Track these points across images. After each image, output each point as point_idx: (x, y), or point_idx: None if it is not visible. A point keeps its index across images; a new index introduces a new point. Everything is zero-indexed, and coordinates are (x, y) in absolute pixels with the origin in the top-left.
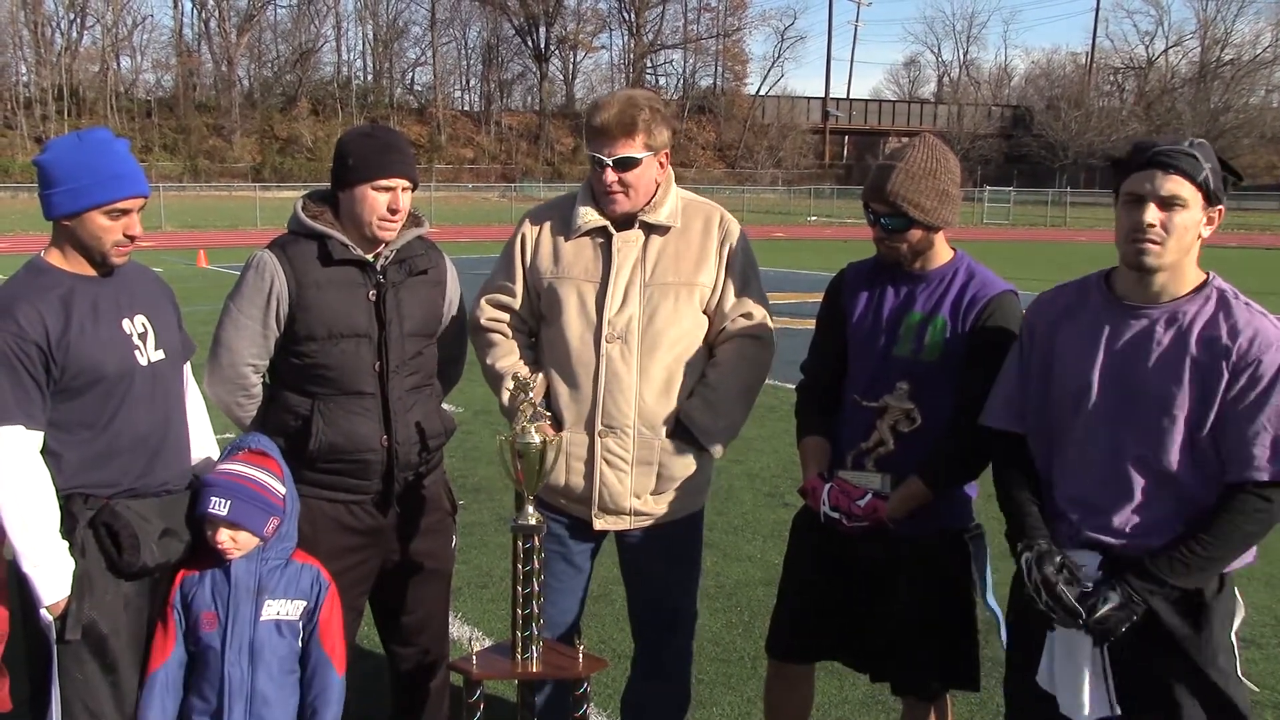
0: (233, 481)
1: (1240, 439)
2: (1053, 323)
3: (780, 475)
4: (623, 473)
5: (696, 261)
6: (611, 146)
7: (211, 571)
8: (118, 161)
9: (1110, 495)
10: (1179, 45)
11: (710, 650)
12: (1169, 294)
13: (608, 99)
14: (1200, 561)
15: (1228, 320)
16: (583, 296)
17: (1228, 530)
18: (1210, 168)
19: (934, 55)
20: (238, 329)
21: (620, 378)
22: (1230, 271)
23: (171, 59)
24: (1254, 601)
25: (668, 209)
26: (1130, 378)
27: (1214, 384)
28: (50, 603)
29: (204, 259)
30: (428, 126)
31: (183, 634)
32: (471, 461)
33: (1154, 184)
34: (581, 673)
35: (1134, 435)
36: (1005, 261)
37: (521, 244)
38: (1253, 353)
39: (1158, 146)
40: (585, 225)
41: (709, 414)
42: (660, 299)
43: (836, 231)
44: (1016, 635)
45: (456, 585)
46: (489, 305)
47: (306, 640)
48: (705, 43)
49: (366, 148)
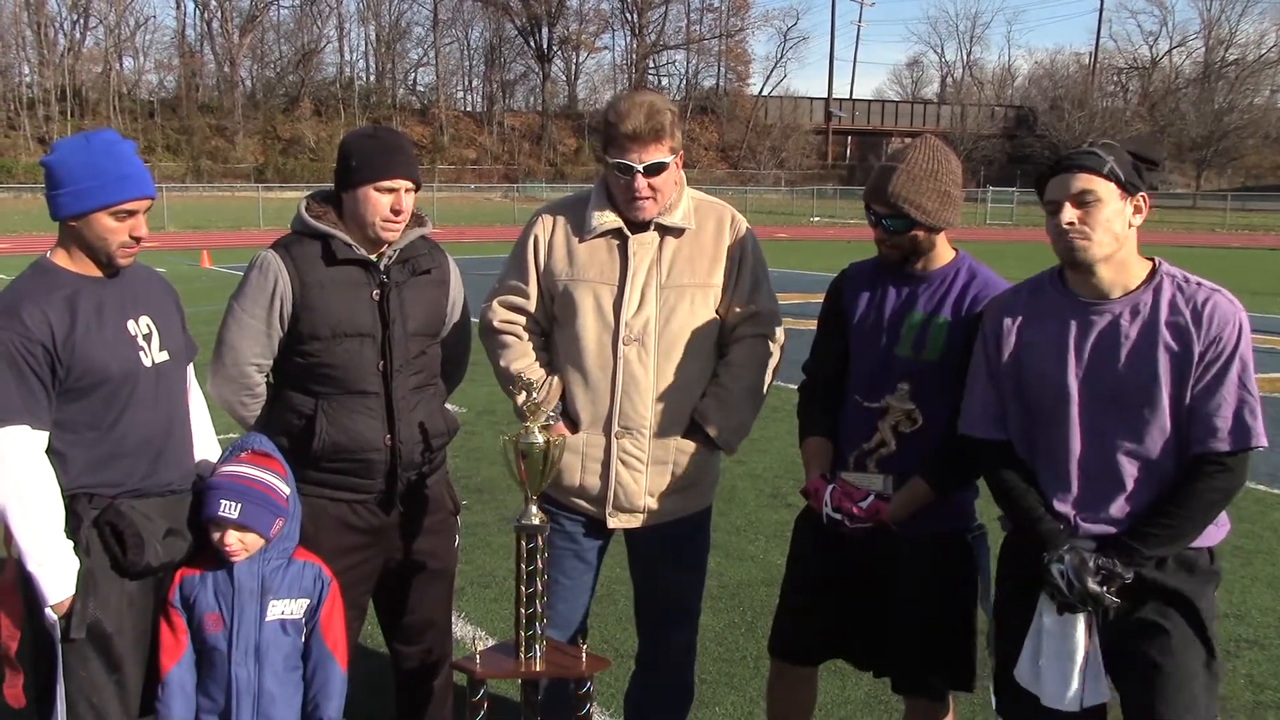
0: (241, 484)
1: (1202, 411)
2: (1013, 326)
3: (783, 476)
4: (638, 473)
5: (711, 262)
6: (642, 153)
7: (213, 573)
8: (124, 163)
9: (1103, 489)
10: (1183, 45)
11: (713, 650)
12: (1121, 287)
13: (629, 105)
14: (1172, 533)
15: (1188, 303)
16: (599, 299)
17: (1195, 500)
18: (1114, 160)
19: (937, 55)
20: (241, 329)
21: (637, 380)
22: (1234, 272)
23: (174, 59)
24: (1257, 603)
25: (682, 210)
26: (1105, 376)
27: (1188, 367)
28: (55, 602)
29: (207, 259)
30: (430, 127)
31: (190, 633)
32: (475, 461)
33: (1065, 186)
34: (585, 672)
35: (1118, 429)
36: (1008, 262)
37: (534, 245)
38: (1214, 329)
39: (1062, 153)
40: (601, 227)
41: (723, 414)
42: (677, 301)
43: (839, 232)
44: (1001, 632)
45: (459, 585)
46: (502, 307)
47: (308, 636)
48: (708, 43)
49: (370, 149)
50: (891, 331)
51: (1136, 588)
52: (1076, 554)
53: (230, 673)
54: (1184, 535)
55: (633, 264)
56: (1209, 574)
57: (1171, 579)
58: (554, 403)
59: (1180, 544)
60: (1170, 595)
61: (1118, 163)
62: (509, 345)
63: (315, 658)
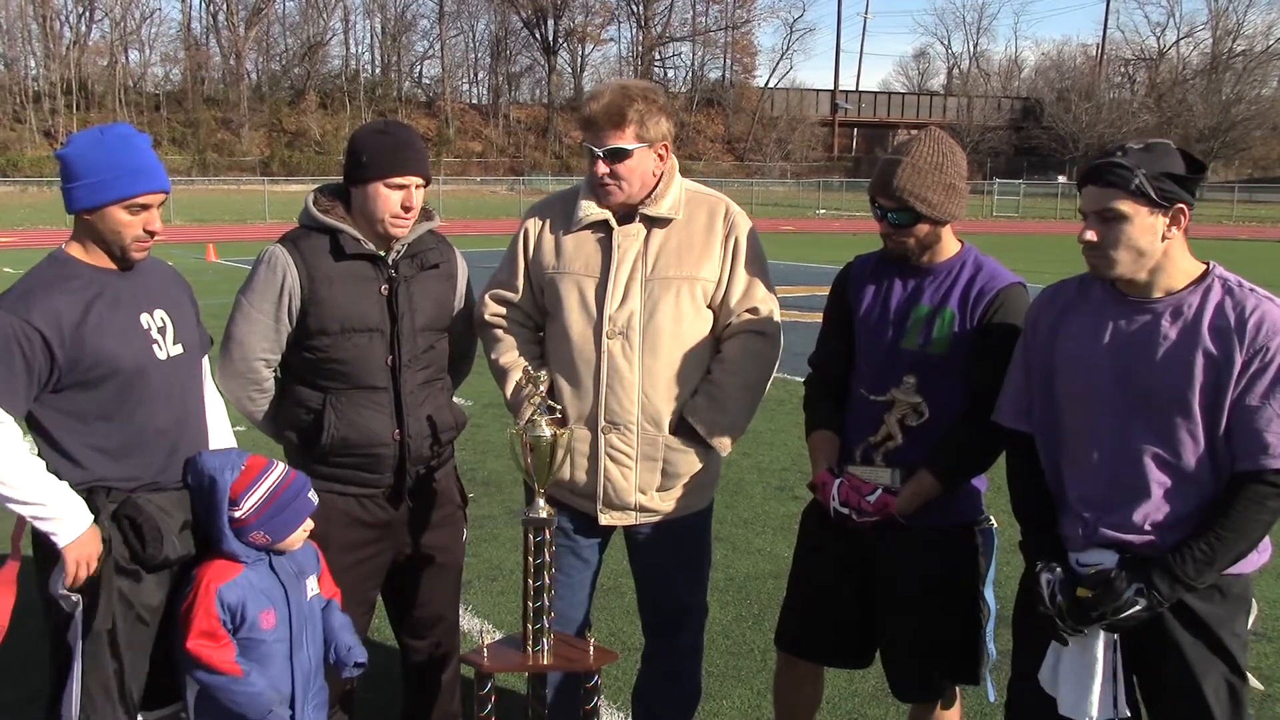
0: (285, 489)
1: (1251, 426)
2: (1054, 319)
3: (790, 469)
4: (627, 469)
5: (699, 255)
6: (602, 137)
7: (246, 574)
8: (138, 156)
9: (1125, 493)
10: (1190, 36)
11: (720, 643)
12: (1164, 288)
13: (600, 89)
14: (1220, 556)
15: (1235, 308)
16: (583, 291)
17: (1243, 521)
18: (1144, 173)
19: (944, 47)
20: (250, 323)
21: (622, 374)
22: (1240, 264)
23: (180, 52)
24: (1265, 595)
25: (669, 201)
26: (1138, 374)
27: (1227, 375)
28: (73, 538)
29: (213, 253)
30: (436, 120)
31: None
32: (481, 455)
33: (1091, 199)
34: (592, 665)
35: (1147, 432)
36: (1015, 254)
37: (524, 238)
38: (1260, 339)
39: (1094, 160)
40: (586, 219)
41: (713, 410)
42: (661, 294)
43: (845, 224)
44: (1020, 634)
45: (467, 578)
46: (491, 300)
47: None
48: (714, 35)
49: (380, 145)
50: (898, 324)
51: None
52: (1061, 571)
53: (292, 660)
54: (1224, 558)
55: (616, 255)
56: (1240, 601)
57: (1196, 602)
58: (539, 396)
59: (1220, 567)
60: (1192, 618)
61: (1149, 175)
62: (497, 339)
63: (324, 607)
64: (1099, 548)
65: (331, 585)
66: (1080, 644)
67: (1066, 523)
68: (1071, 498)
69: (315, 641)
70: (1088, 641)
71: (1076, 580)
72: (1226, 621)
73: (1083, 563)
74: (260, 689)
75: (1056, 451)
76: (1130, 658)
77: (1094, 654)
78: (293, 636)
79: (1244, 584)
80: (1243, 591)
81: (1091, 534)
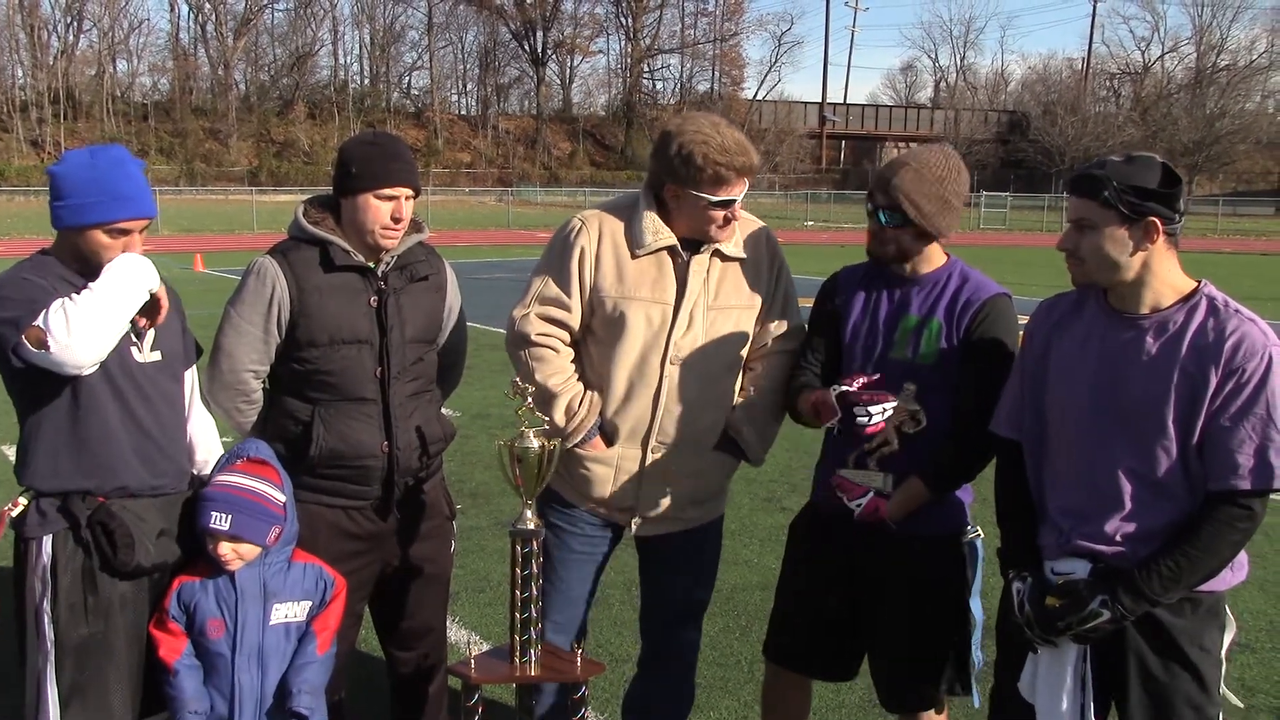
0: (232, 494)
1: (1224, 447)
2: (1049, 330)
3: (777, 480)
4: (669, 485)
5: (754, 282)
6: (740, 187)
7: (214, 579)
8: (126, 182)
9: (1100, 504)
10: (1175, 51)
11: (707, 654)
12: (1153, 305)
13: (725, 139)
14: (1186, 574)
15: (1216, 328)
16: (650, 318)
17: (1211, 540)
18: (1115, 185)
19: (931, 60)
20: (239, 335)
21: (679, 396)
22: (1224, 276)
23: (168, 62)
24: (1248, 607)
25: (739, 236)
26: (1118, 388)
27: (1202, 393)
28: (157, 285)
29: (200, 263)
30: (425, 130)
31: (191, 641)
32: (469, 466)
33: (1070, 208)
34: (580, 676)
35: (1123, 445)
36: (1002, 266)
37: (580, 259)
38: (1237, 360)
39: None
40: (656, 244)
41: (754, 427)
42: (724, 322)
43: (833, 236)
44: (1003, 643)
45: (454, 590)
46: (540, 319)
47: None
48: (702, 47)
49: (370, 156)
50: (887, 335)
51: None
52: (1030, 579)
53: (234, 679)
54: (1192, 577)
55: (690, 285)
56: (1210, 616)
57: (1165, 614)
58: (594, 419)
59: (1187, 585)
60: (1157, 630)
61: (1118, 188)
62: (546, 359)
63: (301, 637)
64: (1072, 557)
65: (330, 634)
66: (1052, 654)
67: (1045, 531)
68: (1051, 507)
69: (274, 670)
70: (1060, 652)
71: (1047, 590)
72: (1194, 636)
73: (1057, 571)
74: (180, 694)
75: (1040, 460)
76: (1099, 669)
77: (1065, 664)
78: (235, 654)
79: (1216, 600)
80: (1214, 606)
81: (1066, 543)
